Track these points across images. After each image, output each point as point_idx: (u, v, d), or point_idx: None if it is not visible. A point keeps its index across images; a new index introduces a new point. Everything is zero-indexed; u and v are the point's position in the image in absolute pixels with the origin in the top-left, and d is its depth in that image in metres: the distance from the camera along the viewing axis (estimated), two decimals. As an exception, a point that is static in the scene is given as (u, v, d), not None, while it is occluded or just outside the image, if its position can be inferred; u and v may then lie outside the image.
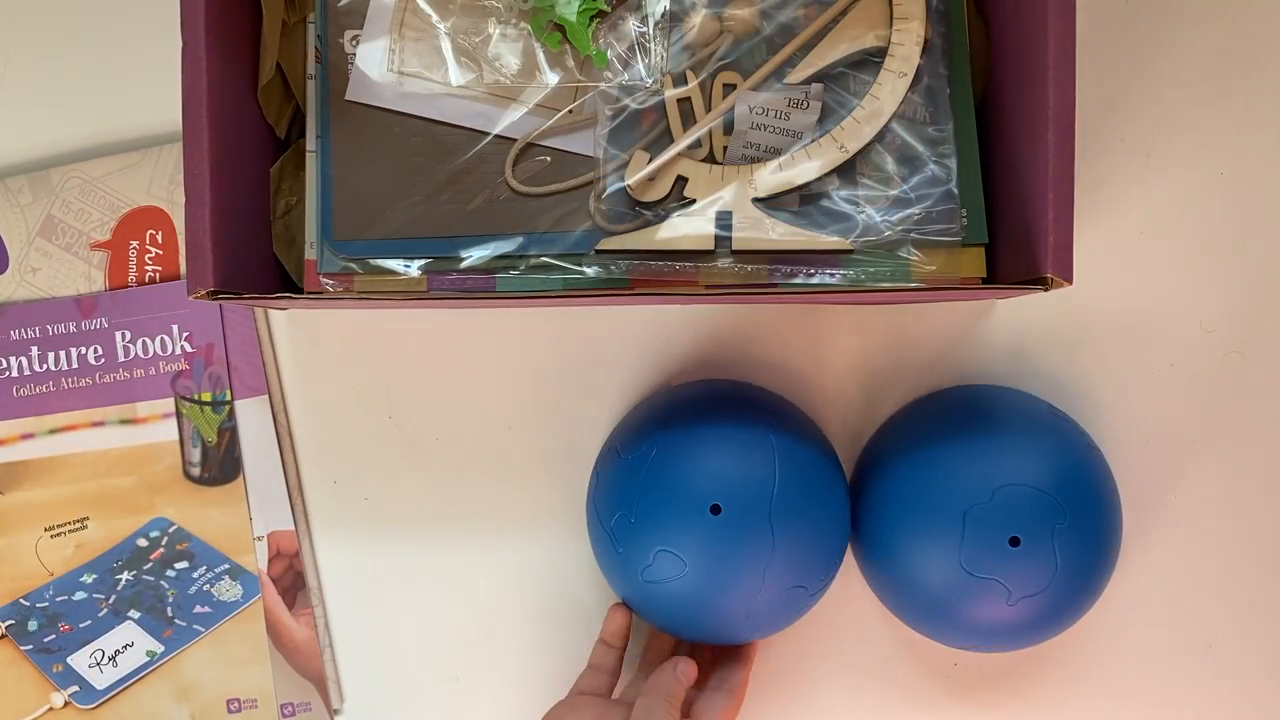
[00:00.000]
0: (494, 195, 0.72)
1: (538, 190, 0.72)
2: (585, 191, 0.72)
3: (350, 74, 0.73)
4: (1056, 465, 0.74)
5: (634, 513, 0.74)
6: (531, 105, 0.72)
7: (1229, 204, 0.81)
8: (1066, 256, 0.61)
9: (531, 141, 0.72)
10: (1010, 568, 0.72)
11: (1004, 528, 0.71)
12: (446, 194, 0.72)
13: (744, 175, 0.70)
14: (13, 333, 0.83)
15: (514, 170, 0.72)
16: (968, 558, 0.72)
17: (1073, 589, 0.73)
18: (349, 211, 0.73)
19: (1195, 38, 0.81)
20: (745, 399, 0.79)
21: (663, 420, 0.76)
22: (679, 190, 0.70)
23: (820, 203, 0.71)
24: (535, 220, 0.72)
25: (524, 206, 0.72)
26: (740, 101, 0.70)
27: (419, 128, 0.73)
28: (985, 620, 0.74)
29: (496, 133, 0.72)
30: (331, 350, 0.83)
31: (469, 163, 0.72)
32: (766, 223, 0.69)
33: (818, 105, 0.70)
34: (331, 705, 0.83)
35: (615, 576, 0.77)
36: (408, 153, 0.73)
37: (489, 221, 0.72)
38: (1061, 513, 0.72)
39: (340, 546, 0.84)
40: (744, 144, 0.70)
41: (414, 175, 0.73)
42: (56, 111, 0.84)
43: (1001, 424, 0.76)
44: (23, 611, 0.82)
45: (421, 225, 0.72)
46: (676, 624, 0.76)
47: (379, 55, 0.73)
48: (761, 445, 0.74)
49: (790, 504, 0.73)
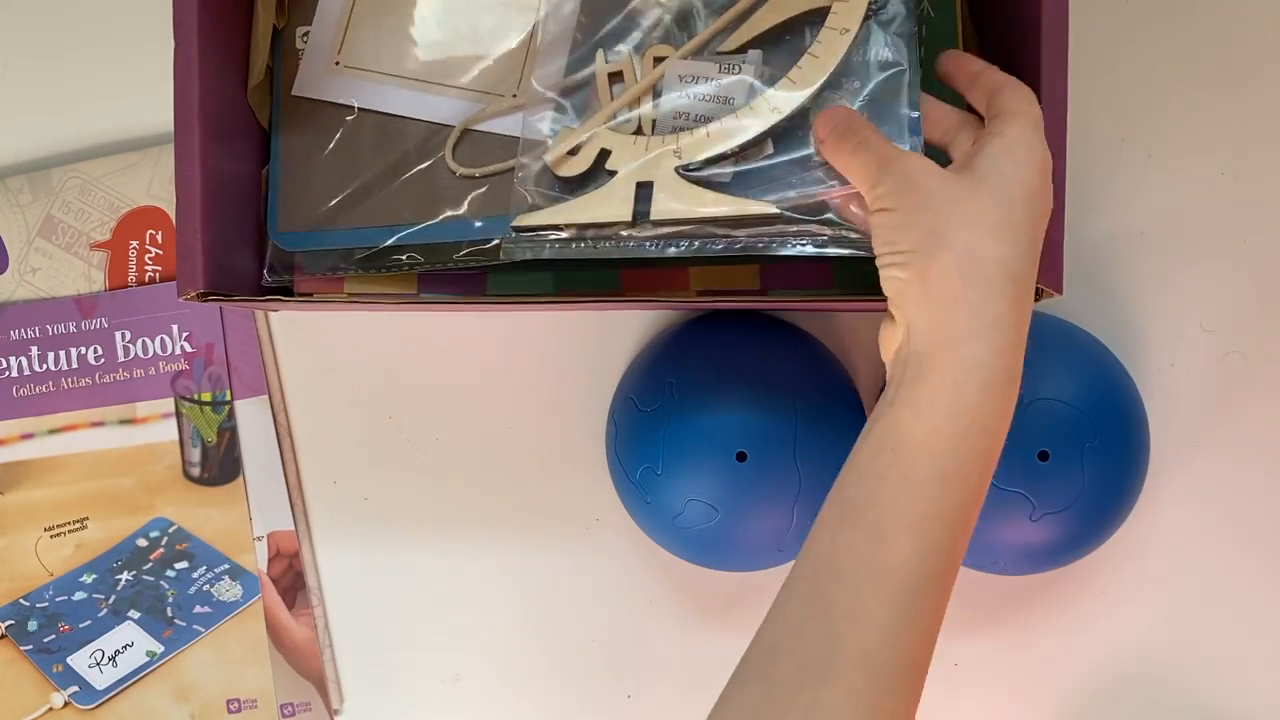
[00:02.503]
0: (435, 182, 0.71)
1: (476, 173, 0.70)
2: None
3: (298, 69, 0.73)
4: (1091, 385, 0.74)
5: (659, 465, 0.74)
6: (476, 92, 0.71)
7: (1229, 204, 0.81)
8: (1057, 266, 0.61)
9: (475, 128, 0.71)
10: (1037, 482, 0.72)
11: (1034, 441, 0.71)
12: (395, 183, 0.71)
13: (669, 145, 0.65)
14: (13, 333, 0.83)
15: (456, 156, 0.71)
16: (996, 469, 0.72)
17: (1097, 510, 0.74)
18: (294, 204, 0.72)
19: (1195, 38, 0.81)
20: (759, 335, 0.78)
21: (679, 367, 0.76)
22: (601, 164, 0.66)
23: (756, 172, 0.66)
24: (479, 205, 0.70)
25: (467, 191, 0.70)
26: (669, 71, 0.67)
27: (369, 120, 0.72)
28: (1006, 538, 0.74)
29: (440, 121, 0.71)
30: (331, 350, 0.83)
31: (415, 152, 0.71)
32: (688, 192, 0.64)
33: (751, 70, 0.66)
34: (331, 705, 0.83)
35: (645, 520, 0.78)
36: (355, 145, 0.72)
37: (431, 208, 0.71)
38: (1093, 431, 0.72)
39: (340, 546, 0.84)
40: (673, 114, 0.67)
41: (359, 166, 0.71)
42: (56, 111, 0.84)
43: (1038, 340, 0.75)
44: (23, 611, 0.83)
45: (368, 214, 0.71)
46: (710, 560, 0.77)
47: (325, 49, 0.72)
48: (781, 386, 0.74)
49: (814, 440, 0.73)
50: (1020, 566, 0.78)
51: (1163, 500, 0.81)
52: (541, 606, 0.83)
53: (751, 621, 0.55)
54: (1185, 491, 0.81)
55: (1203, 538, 0.82)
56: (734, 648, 0.83)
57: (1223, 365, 0.81)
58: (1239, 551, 0.82)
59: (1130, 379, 0.77)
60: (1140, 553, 0.81)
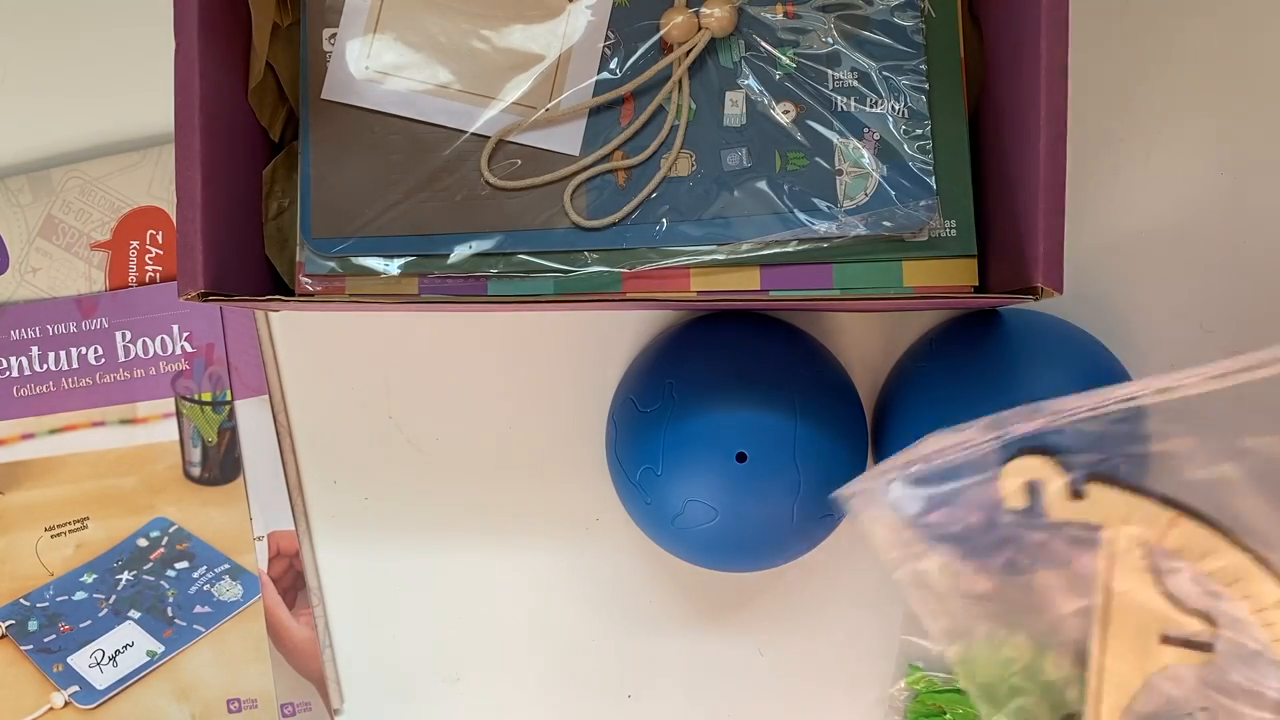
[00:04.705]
0: (473, 192, 0.72)
1: (515, 185, 0.72)
2: (563, 187, 0.72)
3: (326, 72, 0.73)
4: (1091, 385, 0.72)
5: (659, 465, 0.74)
6: (509, 103, 0.72)
7: (1229, 204, 0.81)
8: (1057, 266, 0.61)
9: (508, 140, 0.72)
10: None
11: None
12: (426, 192, 0.73)
13: None
14: (13, 333, 0.83)
15: (492, 167, 0.72)
16: None
17: None
18: (327, 210, 0.73)
19: (1195, 37, 0.81)
20: (759, 335, 0.78)
21: (679, 367, 0.76)
22: None
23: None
24: (515, 217, 0.72)
25: (504, 204, 0.72)
26: None
27: (398, 126, 0.73)
28: None
29: (474, 130, 0.72)
30: (332, 350, 0.83)
31: (448, 160, 0.72)
32: None
33: None
34: (331, 705, 0.83)
35: (644, 521, 0.78)
36: (386, 151, 0.73)
37: (468, 219, 0.72)
38: None
39: (340, 546, 0.84)
40: None
41: (393, 173, 0.73)
42: (56, 111, 0.84)
43: (1039, 340, 0.76)
44: (23, 611, 0.83)
45: (401, 223, 0.72)
46: (710, 560, 0.77)
47: (355, 53, 0.73)
48: (780, 386, 0.74)
49: (813, 440, 0.73)
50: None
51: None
52: (541, 606, 0.83)
53: (751, 621, 0.56)
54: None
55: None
56: (734, 648, 0.83)
57: (1223, 365, 0.81)
58: (1239, 551, 0.82)
59: (1130, 378, 0.77)
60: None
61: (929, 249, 0.72)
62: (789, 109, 0.72)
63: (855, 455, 0.76)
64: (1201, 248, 0.81)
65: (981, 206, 0.72)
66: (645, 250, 0.72)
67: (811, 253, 0.72)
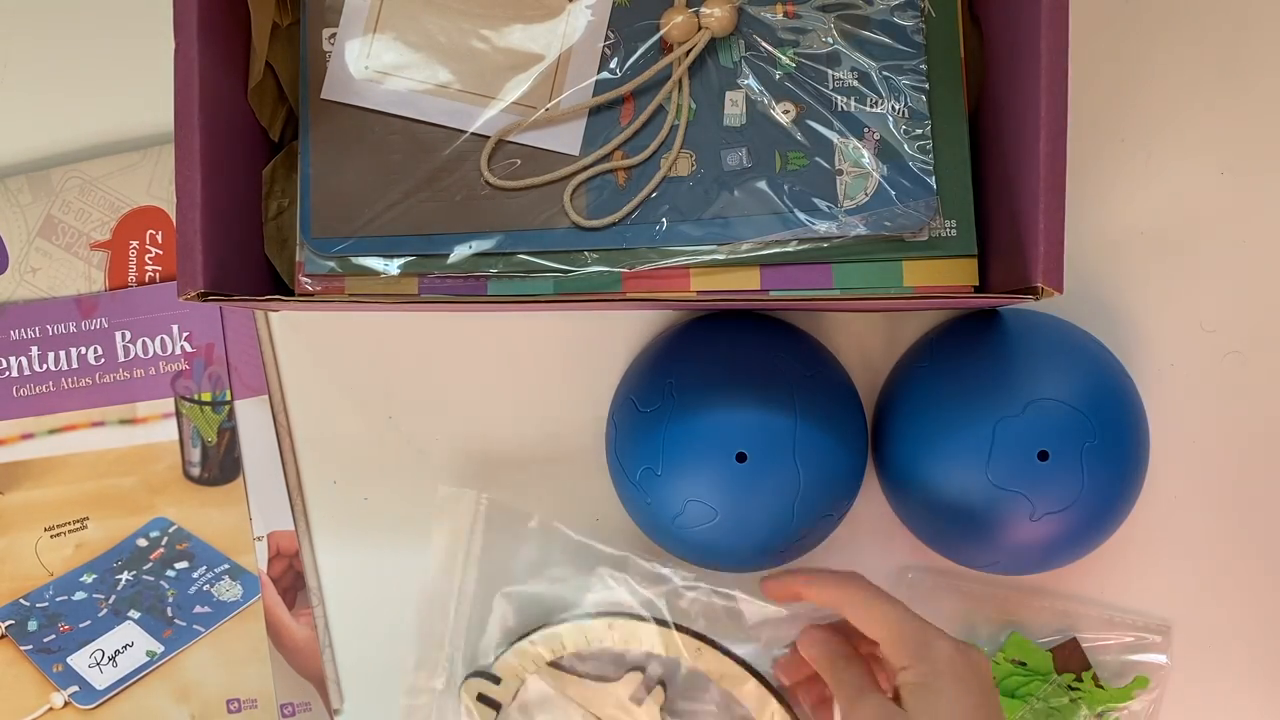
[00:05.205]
0: (473, 192, 0.72)
1: (515, 185, 0.72)
2: (563, 187, 0.72)
3: (326, 72, 0.73)
4: (1091, 385, 0.74)
5: (659, 465, 0.74)
6: (509, 103, 0.72)
7: (1229, 204, 0.81)
8: (1058, 266, 0.61)
9: (508, 139, 0.72)
10: (1037, 482, 0.72)
11: (1034, 441, 0.72)
12: (426, 192, 0.73)
13: None
14: (13, 333, 0.83)
15: (492, 167, 0.72)
16: (995, 469, 0.72)
17: (1096, 510, 0.73)
18: (327, 210, 0.73)
19: (1195, 37, 0.81)
20: (759, 335, 0.78)
21: (679, 367, 0.76)
22: None
23: None
24: (515, 217, 0.72)
25: (503, 203, 0.72)
26: None
27: (397, 126, 0.73)
28: (1006, 538, 0.74)
29: (474, 130, 0.72)
30: (331, 350, 0.83)
31: (448, 160, 0.73)
32: None
33: None
34: (331, 705, 0.83)
35: (645, 521, 0.78)
36: (386, 151, 0.73)
37: (468, 219, 0.72)
38: (1093, 431, 0.72)
39: (340, 546, 0.84)
40: None
41: (392, 173, 0.73)
42: (56, 111, 0.84)
43: (1039, 340, 0.76)
44: (23, 611, 0.83)
45: (400, 223, 0.72)
46: (710, 560, 0.77)
47: (355, 53, 0.73)
48: (780, 386, 0.74)
49: (813, 439, 0.74)
50: (1020, 566, 0.78)
51: (1162, 500, 0.81)
52: (541, 606, 0.83)
53: (751, 622, 0.56)
54: (1185, 491, 0.81)
55: (1202, 538, 0.82)
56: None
57: (1222, 365, 0.81)
58: (1238, 552, 0.82)
59: (1130, 379, 0.77)
60: (1139, 553, 0.81)
61: (929, 249, 0.72)
62: (789, 109, 0.72)
63: (855, 455, 0.76)
64: (1201, 248, 0.81)
65: (981, 206, 0.72)
66: (645, 250, 0.72)
67: (811, 253, 0.72)
